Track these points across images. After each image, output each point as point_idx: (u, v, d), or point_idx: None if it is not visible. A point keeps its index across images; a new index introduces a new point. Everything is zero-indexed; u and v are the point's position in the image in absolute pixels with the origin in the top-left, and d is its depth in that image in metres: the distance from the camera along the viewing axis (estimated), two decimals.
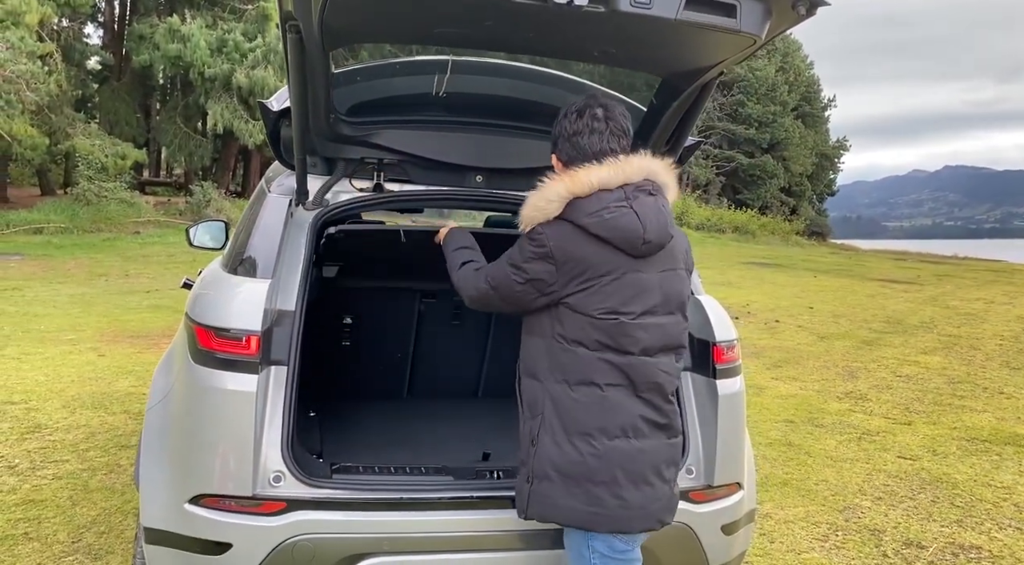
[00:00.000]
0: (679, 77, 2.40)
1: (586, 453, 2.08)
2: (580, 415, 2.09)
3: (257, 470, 2.27)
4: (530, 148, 2.77)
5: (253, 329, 2.28)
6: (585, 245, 2.08)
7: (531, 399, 2.17)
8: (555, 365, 2.12)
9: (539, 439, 2.12)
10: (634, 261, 2.10)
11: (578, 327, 2.10)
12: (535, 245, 2.11)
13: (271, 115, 2.61)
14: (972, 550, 3.97)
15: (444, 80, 2.57)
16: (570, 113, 2.20)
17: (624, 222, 2.07)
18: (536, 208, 2.12)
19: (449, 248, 2.47)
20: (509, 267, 2.16)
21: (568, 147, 2.19)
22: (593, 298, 2.08)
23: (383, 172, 2.77)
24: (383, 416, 3.37)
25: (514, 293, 2.15)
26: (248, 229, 2.68)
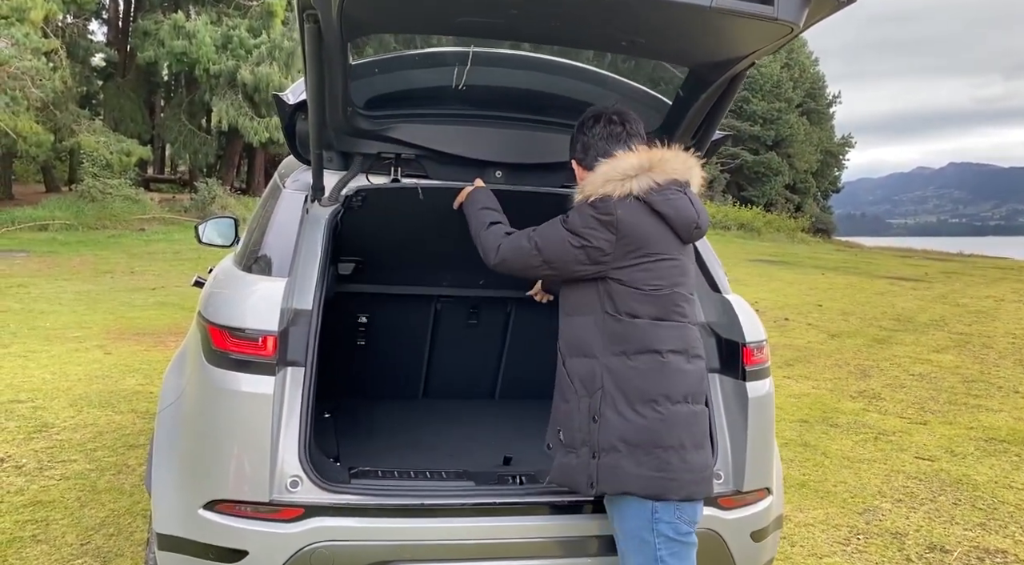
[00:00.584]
0: (708, 68, 2.32)
1: (652, 418, 2.11)
2: (642, 383, 2.12)
3: (274, 475, 2.20)
4: (551, 143, 2.69)
5: (269, 329, 2.21)
6: (648, 222, 2.14)
7: (585, 377, 2.18)
8: (611, 338, 2.15)
9: (601, 413, 2.13)
10: (681, 246, 2.20)
11: (630, 299, 2.15)
12: (600, 212, 2.13)
13: (286, 108, 2.54)
14: (998, 554, 3.89)
15: (464, 72, 2.49)
16: (587, 121, 2.30)
17: (683, 205, 2.17)
18: (608, 180, 2.14)
19: (474, 207, 2.44)
20: (564, 230, 2.17)
21: (590, 153, 2.28)
22: (644, 274, 2.14)
23: (400, 167, 2.69)
24: (399, 417, 3.30)
25: (565, 257, 2.17)
26: (263, 226, 2.60)
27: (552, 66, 2.72)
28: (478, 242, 2.36)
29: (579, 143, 2.32)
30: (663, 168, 2.16)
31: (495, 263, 2.29)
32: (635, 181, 2.14)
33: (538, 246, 2.20)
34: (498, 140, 2.69)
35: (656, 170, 2.16)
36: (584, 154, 2.29)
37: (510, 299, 3.36)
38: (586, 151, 2.29)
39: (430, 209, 2.65)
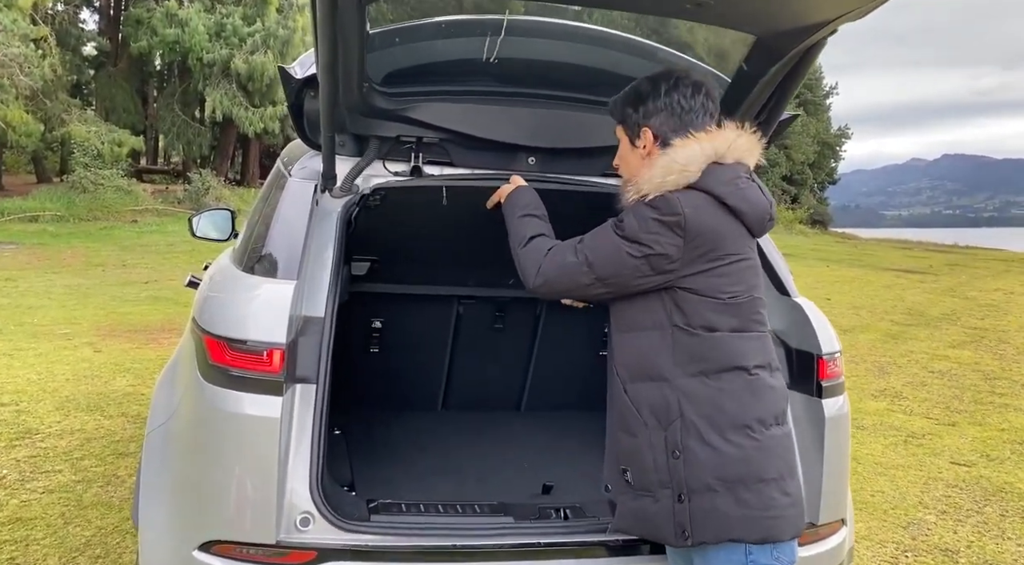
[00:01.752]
0: (782, 37, 2.00)
1: (748, 447, 1.77)
2: (730, 406, 1.78)
3: (281, 511, 1.89)
4: (592, 124, 2.37)
5: (276, 341, 1.89)
6: (720, 218, 1.80)
7: (656, 404, 1.82)
8: (685, 357, 1.81)
9: (685, 447, 1.77)
10: (752, 241, 1.89)
11: (705, 309, 1.81)
12: (662, 213, 1.78)
13: (293, 84, 2.20)
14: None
15: (497, 43, 2.16)
16: (681, 86, 1.89)
17: (755, 195, 1.84)
18: (669, 172, 1.80)
19: (514, 213, 2.07)
20: (619, 238, 1.81)
21: (675, 122, 1.88)
22: (720, 281, 1.80)
23: (421, 152, 2.36)
24: (417, 434, 2.98)
25: (622, 271, 1.81)
26: (266, 220, 2.28)
27: (595, 37, 2.38)
28: (516, 259, 1.99)
29: (650, 110, 1.90)
30: (734, 154, 1.83)
31: (536, 286, 1.92)
32: (701, 170, 1.80)
33: (588, 261, 1.84)
34: (532, 121, 2.35)
35: (727, 157, 1.83)
36: (659, 121, 1.89)
37: (540, 302, 3.04)
38: (661, 121, 1.89)
39: (457, 209, 2.31)
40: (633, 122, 1.93)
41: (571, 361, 3.11)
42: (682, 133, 1.85)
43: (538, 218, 2.04)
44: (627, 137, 1.96)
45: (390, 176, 2.36)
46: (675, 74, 1.91)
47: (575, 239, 1.90)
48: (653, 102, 1.89)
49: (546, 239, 1.97)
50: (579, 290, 1.89)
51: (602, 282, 1.84)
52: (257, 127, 22.44)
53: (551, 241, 1.96)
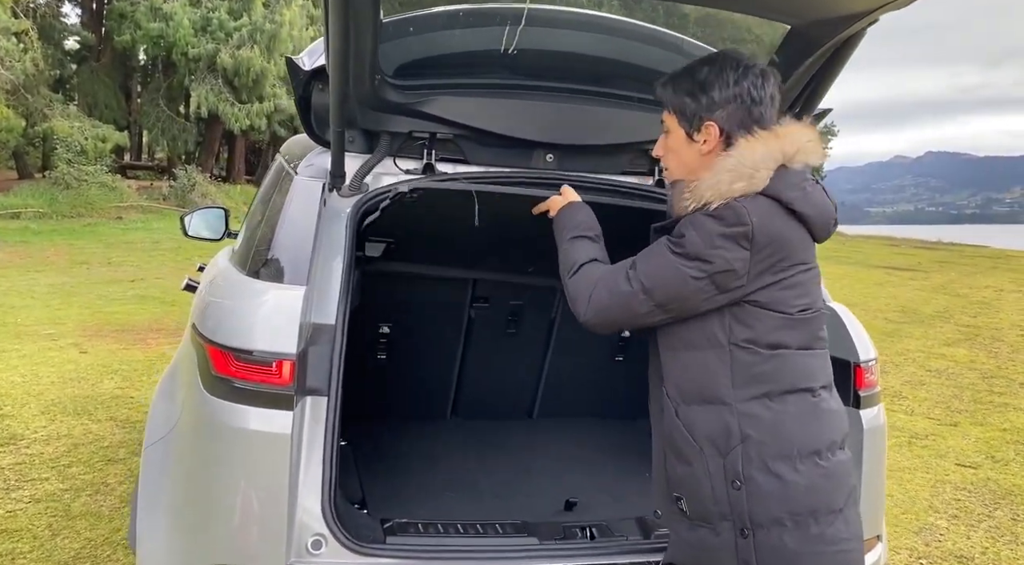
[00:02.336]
0: (819, 27, 1.89)
1: (816, 476, 1.62)
2: (796, 431, 1.64)
3: (292, 533, 1.77)
4: (613, 119, 2.25)
5: (286, 352, 1.77)
6: (787, 225, 1.64)
7: (714, 431, 1.65)
8: (746, 378, 1.64)
9: (747, 477, 1.62)
10: (814, 247, 1.73)
11: (773, 327, 1.65)
12: (727, 223, 1.59)
13: (301, 76, 2.07)
14: None
15: (516, 33, 2.03)
16: (751, 74, 1.69)
17: (821, 199, 1.69)
18: (737, 177, 1.61)
19: (564, 234, 1.85)
20: (677, 258, 1.62)
21: (743, 116, 1.68)
22: (787, 293, 1.65)
23: (434, 149, 2.23)
24: (427, 444, 2.86)
25: (684, 294, 1.62)
26: (271, 221, 2.15)
27: (617, 27, 2.27)
28: (565, 288, 1.78)
29: (716, 101, 1.67)
30: (803, 157, 1.67)
31: (587, 318, 1.72)
32: (771, 174, 1.62)
33: (645, 287, 1.64)
34: (550, 117, 2.23)
35: (796, 160, 1.66)
36: (725, 113, 1.67)
37: (556, 306, 2.92)
38: (728, 114, 1.67)
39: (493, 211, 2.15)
40: (692, 113, 1.71)
41: (585, 367, 3.00)
42: (749, 128, 1.67)
43: (591, 240, 1.84)
44: (682, 129, 1.74)
45: (401, 174, 2.24)
46: (741, 59, 1.70)
47: (626, 262, 1.71)
48: (720, 92, 1.67)
49: (597, 265, 1.76)
50: (636, 320, 1.70)
51: (662, 309, 1.66)
52: (243, 123, 22.17)
53: (603, 267, 1.76)
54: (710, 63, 1.71)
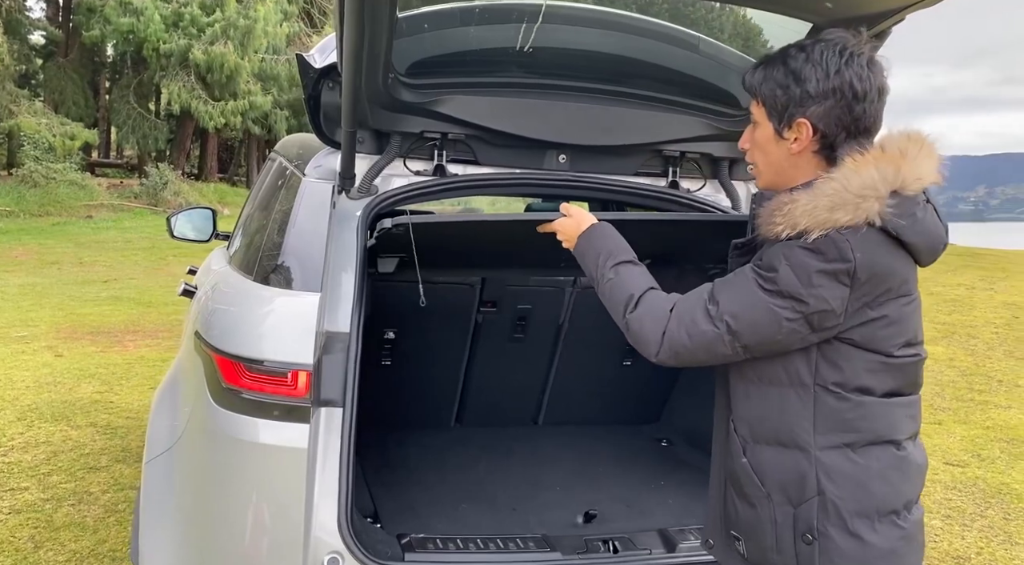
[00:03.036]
0: (845, 24, 1.85)
1: (895, 538, 1.49)
2: (879, 488, 1.48)
3: (308, 551, 1.69)
4: (627, 120, 2.21)
5: (301, 362, 1.70)
6: (893, 256, 1.45)
7: (787, 477, 1.50)
8: (830, 424, 1.48)
9: (822, 532, 1.47)
10: (916, 274, 1.53)
11: (865, 370, 1.47)
12: (828, 259, 1.39)
13: (312, 73, 2.00)
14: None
15: (532, 31, 1.97)
16: (855, 62, 1.45)
17: (932, 224, 1.50)
18: (838, 205, 1.39)
19: (601, 262, 1.62)
20: (768, 296, 1.43)
21: (843, 114, 1.46)
22: (888, 330, 1.46)
23: (446, 150, 2.17)
24: (434, 453, 2.79)
25: (775, 336, 1.44)
26: (279, 224, 2.07)
27: (635, 26, 2.21)
28: (624, 325, 1.56)
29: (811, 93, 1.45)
30: (916, 174, 1.45)
31: (661, 359, 1.52)
32: (879, 204, 1.40)
33: (731, 328, 1.45)
34: (564, 116, 2.17)
35: (908, 181, 1.44)
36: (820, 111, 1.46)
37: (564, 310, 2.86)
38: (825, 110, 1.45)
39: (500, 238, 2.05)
40: (783, 107, 1.49)
41: (592, 372, 2.95)
42: (848, 128, 1.47)
43: (634, 264, 1.62)
44: (771, 124, 1.52)
45: (411, 175, 2.17)
46: (846, 44, 1.46)
47: (702, 293, 1.51)
48: (817, 83, 1.45)
49: (658, 295, 1.55)
50: (718, 360, 1.53)
51: (748, 350, 1.47)
52: (217, 121, 21.84)
53: (665, 297, 1.55)
54: (808, 48, 1.48)
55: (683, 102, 2.25)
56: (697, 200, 2.35)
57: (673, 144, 2.31)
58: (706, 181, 2.46)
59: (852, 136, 1.47)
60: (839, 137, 1.47)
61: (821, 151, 1.49)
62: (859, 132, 1.47)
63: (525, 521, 2.18)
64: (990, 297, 13.92)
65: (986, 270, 19.24)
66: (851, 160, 1.44)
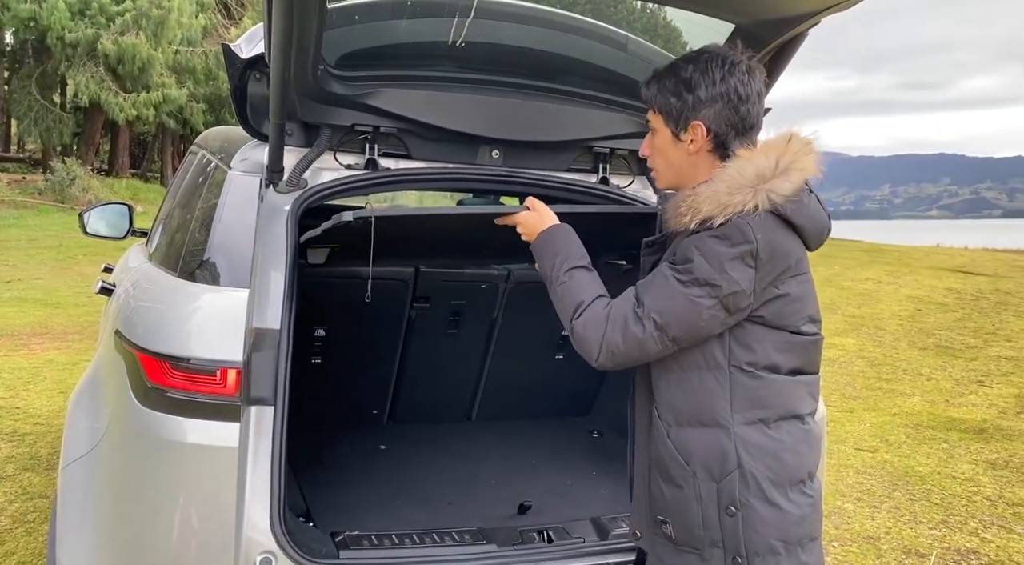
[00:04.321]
0: (764, 27, 1.93)
1: (805, 505, 1.62)
2: (790, 459, 1.62)
3: (239, 553, 1.65)
4: (560, 116, 2.24)
5: (231, 359, 1.66)
6: (786, 237, 1.60)
7: (709, 454, 1.60)
8: (745, 402, 1.60)
9: (743, 503, 1.58)
10: (807, 257, 1.68)
11: (774, 349, 1.61)
12: (733, 243, 1.53)
13: (238, 64, 1.95)
14: (971, 555, 3.79)
15: (465, 25, 1.98)
16: (737, 70, 1.62)
17: (816, 211, 1.66)
18: (735, 190, 1.55)
19: (556, 264, 1.69)
20: (686, 287, 1.54)
21: (731, 115, 1.63)
22: (792, 307, 1.62)
23: (377, 143, 2.15)
24: (367, 450, 2.76)
25: (698, 323, 1.56)
26: (204, 220, 2.02)
27: (567, 24, 2.24)
28: (569, 329, 1.65)
29: (702, 99, 1.61)
30: (800, 163, 1.60)
31: (601, 363, 1.61)
32: (771, 187, 1.55)
33: (658, 325, 1.56)
34: (497, 112, 2.19)
35: (793, 168, 1.59)
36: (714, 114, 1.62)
37: (498, 305, 2.87)
38: (716, 113, 1.62)
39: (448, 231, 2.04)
40: (678, 113, 1.64)
41: (526, 367, 2.98)
42: (736, 127, 1.63)
43: (587, 270, 1.70)
44: (668, 129, 1.67)
45: (342, 169, 2.14)
46: (727, 56, 1.64)
47: (629, 297, 1.61)
48: (706, 90, 1.62)
49: (602, 302, 1.63)
50: (649, 358, 1.63)
51: (676, 342, 1.58)
52: (129, 114, 20.99)
53: (608, 305, 1.63)
54: (695, 60, 1.65)
55: (613, 100, 2.30)
56: (626, 196, 2.40)
57: (603, 141, 2.36)
58: (634, 177, 2.51)
59: (739, 134, 1.64)
60: (729, 135, 1.63)
61: (715, 150, 1.64)
62: (745, 130, 1.64)
63: (460, 515, 2.18)
64: (896, 290, 14.64)
65: (892, 266, 20.23)
66: (743, 151, 1.62)
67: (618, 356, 1.59)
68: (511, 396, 3.05)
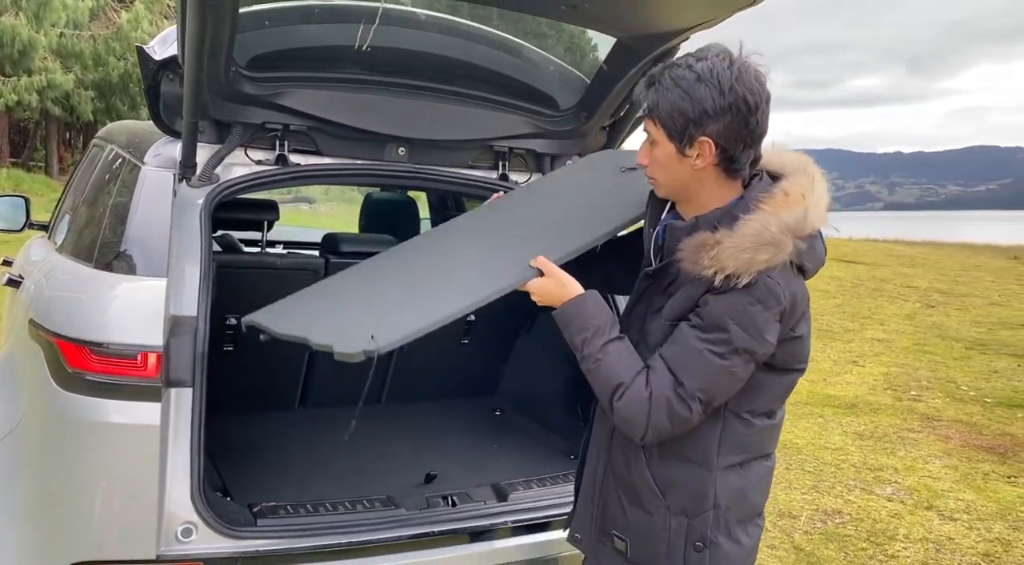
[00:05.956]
0: (642, 41, 2.16)
1: (756, 537, 1.67)
2: (755, 497, 1.65)
3: (161, 524, 1.77)
4: (461, 117, 2.42)
5: (151, 344, 1.77)
6: (800, 283, 1.53)
7: (688, 492, 1.59)
8: (733, 446, 1.59)
9: (712, 541, 1.59)
10: None
11: (776, 395, 1.59)
12: (767, 306, 1.46)
13: (152, 65, 2.04)
14: (835, 514, 4.20)
15: (370, 31, 2.13)
16: (745, 75, 1.47)
17: (821, 251, 1.59)
18: (761, 247, 1.43)
19: (592, 340, 1.56)
20: (727, 361, 1.47)
21: (740, 128, 1.49)
22: (802, 346, 1.57)
23: (287, 140, 2.28)
24: (280, 433, 2.86)
25: (735, 386, 1.52)
26: (118, 213, 2.10)
27: (466, 31, 2.42)
28: (611, 408, 1.54)
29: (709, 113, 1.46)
30: (819, 220, 1.51)
31: (647, 442, 1.56)
32: (795, 244, 1.45)
33: (703, 402, 1.50)
34: (403, 112, 2.35)
35: (814, 225, 1.50)
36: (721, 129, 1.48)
37: None
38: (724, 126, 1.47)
39: None
40: (682, 128, 1.49)
41: (434, 351, 3.13)
42: (748, 142, 1.50)
43: (622, 341, 1.58)
44: (672, 143, 1.52)
45: (253, 164, 2.26)
46: (733, 59, 1.49)
47: (665, 375, 1.51)
48: (713, 102, 1.46)
49: (640, 381, 1.52)
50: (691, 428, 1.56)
51: (709, 406, 1.53)
52: (9, 99, 19.85)
53: (648, 384, 1.52)
54: (694, 67, 1.48)
55: (509, 102, 2.50)
56: None
57: (502, 140, 2.55)
58: (532, 174, 2.72)
59: (748, 146, 1.51)
60: (738, 149, 1.50)
61: (721, 164, 1.52)
62: (754, 141, 1.52)
63: (371, 485, 2.33)
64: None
65: None
66: (766, 204, 1.49)
67: (665, 435, 1.53)
68: (419, 379, 3.20)
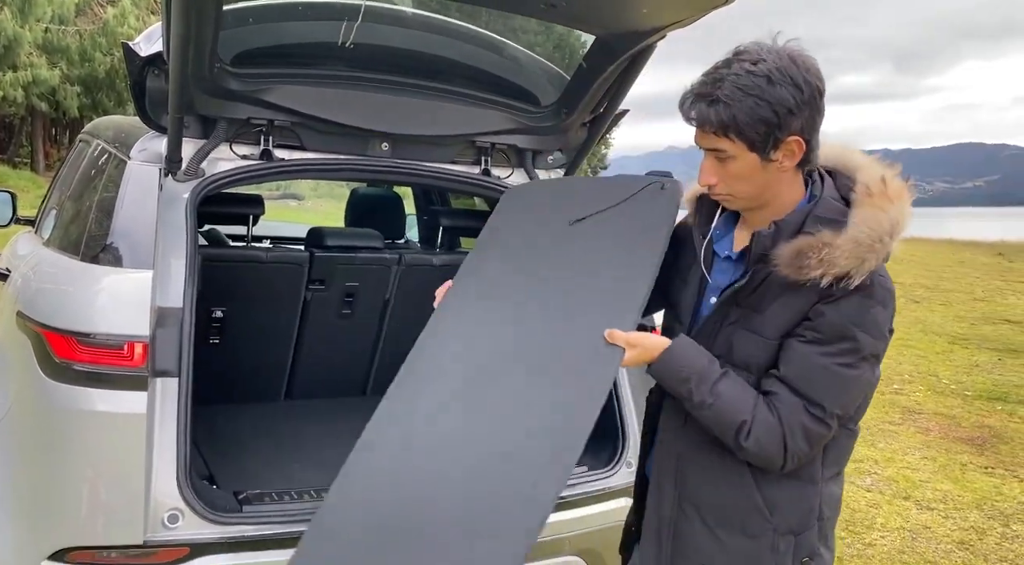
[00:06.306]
0: (620, 39, 2.20)
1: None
2: (841, 505, 1.65)
3: (148, 510, 1.81)
4: (444, 113, 2.46)
5: (137, 334, 1.81)
6: None
7: (797, 510, 1.55)
8: (835, 457, 1.58)
9: (816, 553, 1.57)
10: None
11: (868, 398, 1.56)
12: (886, 305, 1.45)
13: (137, 61, 2.07)
14: None
15: (353, 28, 2.17)
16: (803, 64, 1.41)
17: None
18: (869, 251, 1.39)
19: (696, 388, 1.47)
20: (857, 370, 1.44)
21: (817, 117, 1.45)
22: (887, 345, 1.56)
23: (272, 136, 2.31)
24: (266, 424, 2.89)
25: (866, 397, 1.53)
26: (106, 207, 2.13)
27: (448, 28, 2.46)
28: (742, 449, 1.47)
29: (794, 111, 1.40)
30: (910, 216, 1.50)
31: (788, 469, 1.49)
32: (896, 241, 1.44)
33: (841, 416, 1.47)
34: (386, 107, 2.38)
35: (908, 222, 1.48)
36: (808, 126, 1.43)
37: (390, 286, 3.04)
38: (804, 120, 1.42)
39: None
40: (766, 135, 1.41)
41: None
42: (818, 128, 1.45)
43: (728, 378, 1.49)
44: (754, 153, 1.44)
45: (237, 159, 2.29)
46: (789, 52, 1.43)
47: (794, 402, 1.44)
48: (793, 101, 1.39)
49: (762, 411, 1.46)
50: None
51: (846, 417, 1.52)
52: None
53: (766, 411, 1.46)
54: (755, 72, 1.40)
55: (491, 99, 2.53)
56: (506, 187, 2.64)
57: (484, 136, 2.58)
58: (513, 170, 2.76)
59: (818, 132, 1.47)
60: (815, 138, 1.46)
61: (803, 158, 1.47)
62: (819, 126, 1.47)
63: None
64: None
65: None
66: (867, 204, 1.45)
67: (805, 459, 1.49)
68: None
